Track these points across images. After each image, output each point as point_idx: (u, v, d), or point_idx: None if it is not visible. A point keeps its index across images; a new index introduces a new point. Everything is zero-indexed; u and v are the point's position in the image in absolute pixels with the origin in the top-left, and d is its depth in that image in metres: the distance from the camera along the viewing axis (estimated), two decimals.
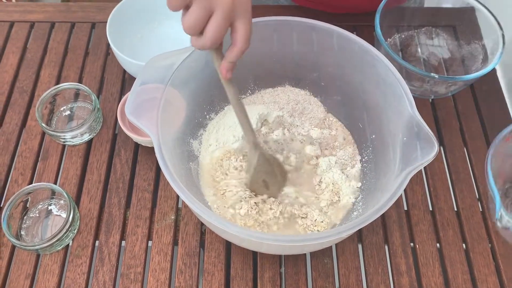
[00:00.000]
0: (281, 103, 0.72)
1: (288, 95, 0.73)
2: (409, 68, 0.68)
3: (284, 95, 0.73)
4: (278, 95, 0.73)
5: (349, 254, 0.65)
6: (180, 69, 0.59)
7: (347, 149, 0.68)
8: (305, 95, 0.73)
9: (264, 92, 0.73)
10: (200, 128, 0.69)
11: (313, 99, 0.73)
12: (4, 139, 0.73)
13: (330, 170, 0.65)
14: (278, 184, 0.63)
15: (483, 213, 0.69)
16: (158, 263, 0.63)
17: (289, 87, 0.74)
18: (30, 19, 0.87)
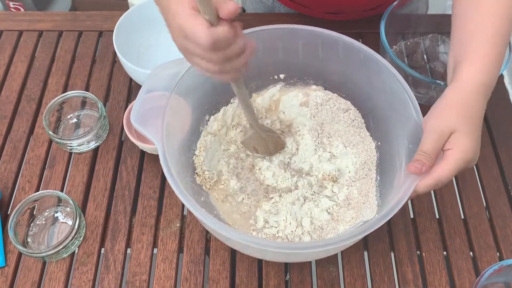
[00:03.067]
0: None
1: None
2: (414, 75, 0.68)
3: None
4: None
5: (354, 262, 0.64)
6: (186, 77, 0.60)
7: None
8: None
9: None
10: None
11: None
12: (12, 146, 0.74)
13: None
14: (269, 152, 0.67)
15: (490, 221, 0.68)
16: (163, 271, 0.63)
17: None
18: (38, 28, 0.88)
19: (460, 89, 0.53)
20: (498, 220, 0.68)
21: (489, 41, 0.53)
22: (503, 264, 0.52)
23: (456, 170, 0.50)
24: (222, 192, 0.64)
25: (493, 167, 0.72)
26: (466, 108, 0.51)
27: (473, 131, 0.51)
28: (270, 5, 0.91)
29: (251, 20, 0.88)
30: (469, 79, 0.53)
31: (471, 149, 0.50)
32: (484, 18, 0.54)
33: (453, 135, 0.50)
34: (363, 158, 0.65)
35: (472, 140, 0.50)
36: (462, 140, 0.50)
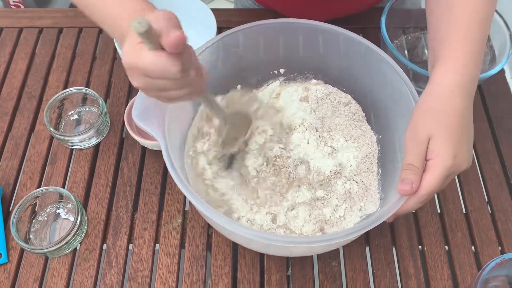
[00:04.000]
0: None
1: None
2: (415, 69, 0.68)
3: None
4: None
5: (356, 257, 0.64)
6: None
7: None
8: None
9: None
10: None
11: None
12: (13, 143, 0.74)
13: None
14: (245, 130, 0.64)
15: (492, 215, 0.68)
16: (165, 266, 0.63)
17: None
18: (38, 25, 0.87)
19: (433, 93, 0.51)
20: (500, 214, 0.68)
21: (462, 40, 0.52)
22: (504, 258, 0.52)
23: (441, 180, 0.48)
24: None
25: (495, 162, 0.72)
26: (440, 112, 0.50)
27: (450, 135, 0.49)
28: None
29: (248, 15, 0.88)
30: (440, 81, 0.51)
31: (450, 155, 0.48)
32: (458, 16, 0.53)
33: (430, 141, 0.49)
34: (365, 152, 0.65)
35: (450, 144, 0.49)
36: (438, 146, 0.49)
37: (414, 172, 0.49)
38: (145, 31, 0.37)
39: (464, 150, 0.50)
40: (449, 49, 0.53)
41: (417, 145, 0.50)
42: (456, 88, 0.51)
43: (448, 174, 0.49)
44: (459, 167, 0.50)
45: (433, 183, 0.49)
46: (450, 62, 0.52)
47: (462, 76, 0.51)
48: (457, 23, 0.53)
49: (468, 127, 0.51)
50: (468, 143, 0.51)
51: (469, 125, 0.52)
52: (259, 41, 0.68)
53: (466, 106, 0.51)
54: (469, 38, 0.52)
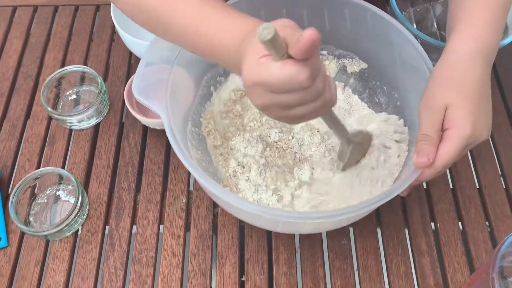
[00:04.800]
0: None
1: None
2: (424, 39, 0.65)
3: None
4: None
5: (367, 235, 0.62)
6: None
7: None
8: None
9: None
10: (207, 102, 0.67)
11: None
12: (10, 125, 0.72)
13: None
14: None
15: (506, 190, 0.66)
16: (171, 247, 0.61)
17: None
18: (33, 3, 0.85)
19: (449, 61, 0.49)
20: None
21: (482, 6, 0.49)
22: None
23: (459, 150, 0.46)
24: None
25: (508, 135, 0.70)
26: (457, 79, 0.47)
27: (469, 103, 0.47)
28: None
29: None
30: (457, 48, 0.49)
31: (469, 124, 0.46)
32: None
33: (448, 110, 0.47)
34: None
35: (469, 113, 0.46)
36: (457, 115, 0.46)
37: (429, 143, 0.46)
38: (272, 37, 0.33)
39: (484, 120, 0.48)
40: (468, 15, 0.50)
41: (433, 114, 0.47)
42: (474, 56, 0.48)
43: (467, 144, 0.47)
44: (478, 137, 0.47)
45: (451, 154, 0.46)
46: (468, 29, 0.50)
47: (481, 44, 0.49)
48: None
49: (487, 96, 0.49)
50: (487, 112, 0.49)
51: (488, 94, 0.49)
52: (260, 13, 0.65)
53: (484, 74, 0.49)
54: (488, 5, 0.50)
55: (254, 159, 0.62)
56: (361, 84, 0.67)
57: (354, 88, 0.67)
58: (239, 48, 0.41)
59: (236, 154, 0.63)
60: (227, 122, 0.65)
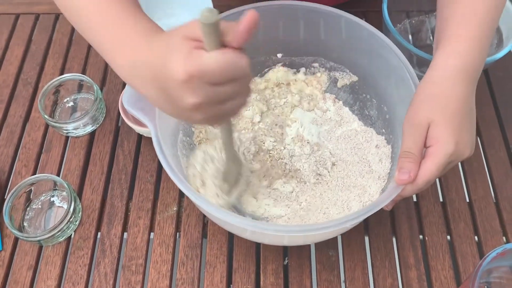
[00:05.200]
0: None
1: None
2: (417, 53, 0.66)
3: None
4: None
5: (355, 246, 0.63)
6: None
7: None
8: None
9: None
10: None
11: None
12: (8, 131, 0.73)
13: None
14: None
15: (497, 204, 0.66)
16: (160, 255, 0.62)
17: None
18: (35, 11, 0.86)
19: (433, 78, 0.49)
20: (504, 203, 0.66)
21: (468, 21, 0.49)
22: (506, 248, 0.50)
23: (441, 167, 0.46)
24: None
25: (501, 149, 0.70)
26: (440, 96, 0.48)
27: (451, 120, 0.47)
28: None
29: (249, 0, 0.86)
30: (441, 65, 0.49)
31: (452, 141, 0.46)
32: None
33: (430, 127, 0.47)
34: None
35: (452, 130, 0.46)
36: (439, 132, 0.46)
37: (411, 160, 0.47)
38: (217, 20, 0.33)
39: (466, 137, 0.48)
40: (453, 31, 0.50)
41: (416, 131, 0.48)
42: (458, 73, 0.49)
43: (449, 162, 0.47)
44: (460, 155, 0.48)
45: (433, 171, 0.47)
46: (452, 45, 0.50)
47: (465, 61, 0.49)
48: (462, 3, 0.50)
49: (470, 114, 0.49)
50: (470, 129, 0.49)
51: (472, 112, 0.49)
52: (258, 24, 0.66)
53: (468, 92, 0.49)
54: (476, 20, 0.49)
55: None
56: (352, 97, 0.67)
57: (345, 100, 0.68)
58: (152, 51, 0.39)
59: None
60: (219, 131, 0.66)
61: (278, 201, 0.60)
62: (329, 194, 0.60)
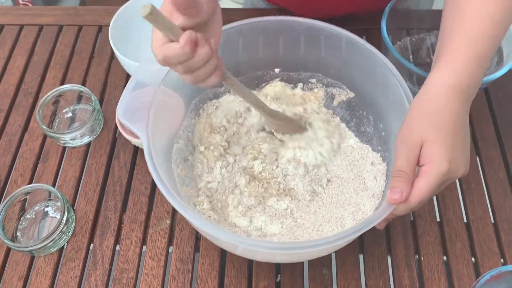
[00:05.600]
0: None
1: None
2: (416, 71, 0.65)
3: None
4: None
5: (349, 265, 0.62)
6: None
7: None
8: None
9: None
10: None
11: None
12: (7, 140, 0.74)
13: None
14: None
15: (495, 225, 0.65)
16: (151, 269, 0.62)
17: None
18: (39, 22, 0.87)
19: (427, 95, 0.48)
20: (503, 224, 0.64)
21: (467, 41, 0.48)
22: (502, 270, 0.49)
23: (434, 187, 0.45)
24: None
25: (500, 169, 0.69)
26: (433, 114, 0.47)
27: (445, 139, 0.46)
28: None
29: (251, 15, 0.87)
30: (436, 82, 0.48)
31: (445, 160, 0.45)
32: (468, 12, 0.49)
33: (423, 146, 0.46)
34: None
35: (445, 149, 0.46)
36: (432, 151, 0.46)
37: (404, 179, 0.46)
38: (149, 13, 0.38)
39: (460, 155, 0.47)
40: (451, 49, 0.50)
41: (408, 149, 0.47)
42: (453, 91, 0.48)
43: (443, 181, 0.46)
44: (454, 174, 0.47)
45: (425, 191, 0.46)
46: (450, 63, 0.49)
47: (461, 80, 0.48)
48: (464, 21, 0.50)
49: (464, 132, 0.48)
50: (464, 148, 0.48)
51: (465, 130, 0.49)
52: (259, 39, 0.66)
53: (462, 110, 0.48)
54: (475, 40, 0.49)
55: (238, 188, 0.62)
56: (349, 113, 0.67)
57: (342, 116, 0.67)
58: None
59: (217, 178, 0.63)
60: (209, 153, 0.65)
61: (273, 218, 0.60)
62: (324, 211, 0.59)
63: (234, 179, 0.62)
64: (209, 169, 0.64)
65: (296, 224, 0.58)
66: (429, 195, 0.46)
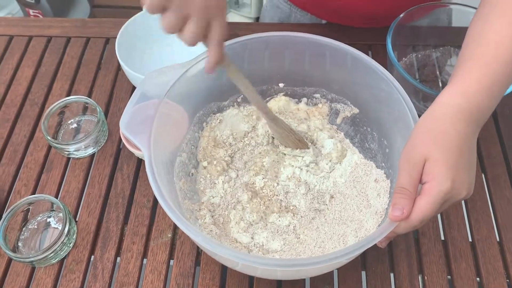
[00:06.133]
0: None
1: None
2: (421, 88, 0.65)
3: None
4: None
5: (351, 283, 0.61)
6: (181, 83, 0.59)
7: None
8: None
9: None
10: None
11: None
12: (12, 149, 0.74)
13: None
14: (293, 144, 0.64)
15: (500, 245, 0.64)
16: (151, 282, 0.61)
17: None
18: (48, 34, 0.88)
19: (435, 113, 0.48)
20: (509, 244, 0.63)
21: (484, 67, 0.48)
22: None
23: (436, 206, 0.45)
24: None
25: (506, 188, 0.68)
26: (439, 133, 0.46)
27: (448, 158, 0.45)
28: (287, 11, 0.92)
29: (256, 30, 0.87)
30: (446, 101, 0.48)
31: (447, 179, 0.44)
32: (483, 37, 0.49)
33: (426, 163, 0.46)
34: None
35: (448, 168, 0.45)
36: (435, 168, 0.45)
37: (405, 196, 0.45)
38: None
39: (464, 176, 0.46)
40: (466, 70, 0.49)
41: (411, 166, 0.46)
42: (461, 112, 0.47)
43: (445, 200, 0.46)
44: (457, 194, 0.46)
45: (427, 209, 0.45)
46: (462, 85, 0.49)
47: (470, 103, 0.48)
48: (484, 46, 0.49)
49: (469, 153, 0.47)
50: (468, 169, 0.47)
51: (472, 152, 0.48)
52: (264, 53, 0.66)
53: (469, 131, 0.47)
54: (493, 67, 0.48)
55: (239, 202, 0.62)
56: (353, 129, 0.67)
57: (346, 132, 0.67)
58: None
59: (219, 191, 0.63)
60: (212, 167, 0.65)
61: (275, 234, 0.59)
62: (326, 227, 0.58)
63: (236, 195, 0.62)
64: (211, 184, 0.64)
65: (298, 241, 0.57)
66: (431, 213, 0.45)
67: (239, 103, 0.69)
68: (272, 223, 0.60)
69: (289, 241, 0.58)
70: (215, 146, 0.66)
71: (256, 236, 0.59)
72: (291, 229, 0.60)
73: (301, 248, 0.57)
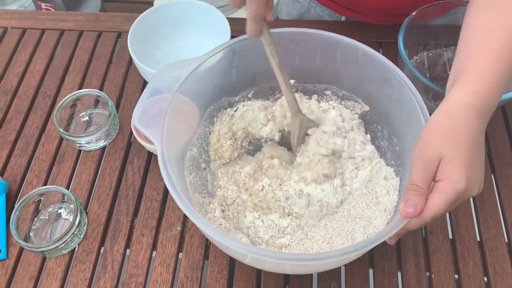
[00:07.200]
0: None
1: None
2: (432, 87, 0.65)
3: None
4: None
5: (358, 279, 0.61)
6: (192, 78, 0.59)
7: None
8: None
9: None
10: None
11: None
12: (24, 141, 0.75)
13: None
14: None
15: (509, 245, 0.64)
16: (160, 274, 0.62)
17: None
18: (60, 27, 0.89)
19: (447, 112, 0.48)
20: None
21: (491, 64, 0.48)
22: None
23: (449, 203, 0.45)
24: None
25: None
26: (453, 131, 0.47)
27: (463, 157, 0.46)
28: (307, 5, 0.93)
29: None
30: (457, 100, 0.48)
31: (463, 178, 0.45)
32: (493, 32, 0.49)
33: (441, 162, 0.46)
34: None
35: (463, 167, 0.45)
36: (450, 167, 0.45)
37: (419, 193, 0.46)
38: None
39: (476, 175, 0.47)
40: (475, 67, 0.49)
41: (425, 164, 0.47)
42: (473, 112, 0.48)
43: (457, 198, 0.46)
44: (470, 192, 0.46)
45: (441, 207, 0.45)
46: (472, 85, 0.49)
47: (481, 101, 0.48)
48: (495, 43, 0.49)
49: (480, 152, 0.48)
50: (480, 167, 0.48)
51: (482, 149, 0.48)
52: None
53: (480, 129, 0.48)
54: (502, 59, 0.49)
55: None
56: (363, 126, 0.67)
57: None
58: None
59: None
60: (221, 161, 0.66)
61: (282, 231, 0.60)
62: (334, 224, 0.59)
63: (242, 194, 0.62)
64: (221, 178, 0.64)
65: (307, 236, 0.58)
66: (443, 211, 0.46)
67: (249, 98, 0.70)
68: (276, 222, 0.60)
69: (297, 236, 0.59)
70: (225, 142, 0.66)
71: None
72: (294, 227, 0.60)
73: (309, 244, 0.58)
